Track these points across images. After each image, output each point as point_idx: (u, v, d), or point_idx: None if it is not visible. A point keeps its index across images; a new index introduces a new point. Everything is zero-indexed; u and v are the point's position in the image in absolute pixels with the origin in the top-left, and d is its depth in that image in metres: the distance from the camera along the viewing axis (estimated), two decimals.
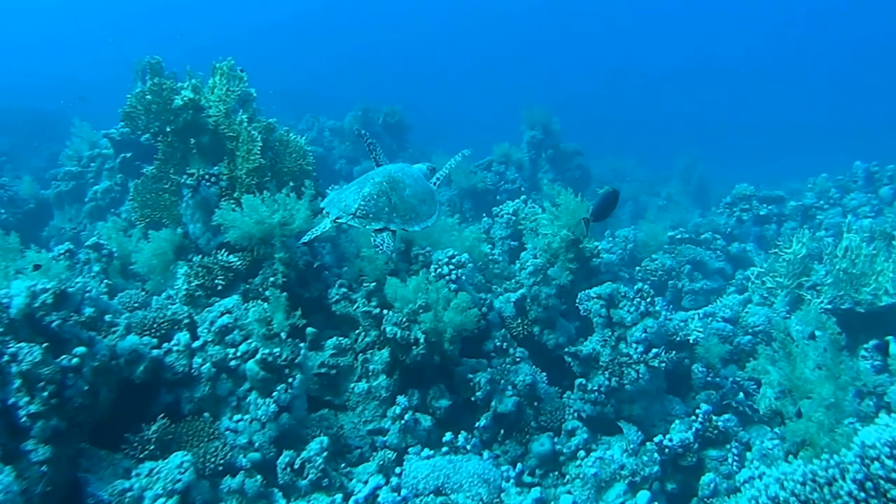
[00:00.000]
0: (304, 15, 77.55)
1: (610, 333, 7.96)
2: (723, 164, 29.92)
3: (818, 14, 71.65)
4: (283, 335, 6.66)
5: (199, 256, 7.76)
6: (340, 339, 7.40)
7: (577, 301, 8.39)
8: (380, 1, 78.19)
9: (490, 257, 10.24)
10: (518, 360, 8.30)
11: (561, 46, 75.76)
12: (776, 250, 9.82)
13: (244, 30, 68.32)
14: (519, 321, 8.86)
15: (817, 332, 6.90)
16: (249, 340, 6.62)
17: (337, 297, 7.79)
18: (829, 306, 8.19)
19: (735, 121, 54.46)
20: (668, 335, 8.31)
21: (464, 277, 8.53)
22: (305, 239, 5.88)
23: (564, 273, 8.81)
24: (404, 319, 7.25)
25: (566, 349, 8.28)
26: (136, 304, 7.84)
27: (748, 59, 71.18)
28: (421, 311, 7.25)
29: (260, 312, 6.60)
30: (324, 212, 5.70)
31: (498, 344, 8.36)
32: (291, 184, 8.04)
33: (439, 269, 8.47)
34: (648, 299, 7.88)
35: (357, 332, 7.59)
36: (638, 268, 12.56)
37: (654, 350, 7.64)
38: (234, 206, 7.56)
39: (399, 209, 5.56)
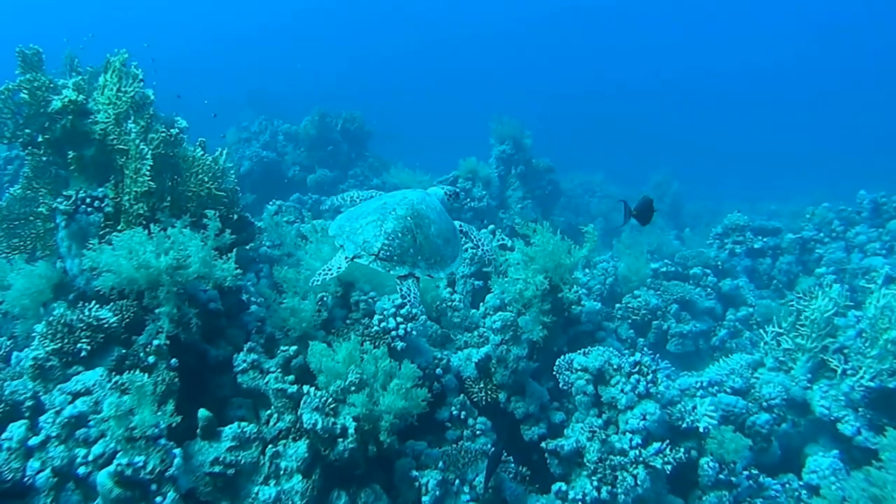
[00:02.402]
0: (275, 21, 75.15)
1: (599, 423, 6.28)
2: (696, 183, 28.70)
3: (800, 34, 71.34)
4: (155, 433, 4.86)
5: (66, 307, 5.94)
6: (244, 425, 5.54)
7: (556, 369, 6.79)
8: (348, 8, 76.04)
9: (449, 303, 8.50)
10: (479, 432, 6.71)
11: (533, 59, 74.36)
12: (793, 302, 8.24)
13: (210, 38, 65.91)
14: (481, 385, 7.23)
15: None
16: (106, 439, 4.80)
17: (244, 364, 5.97)
18: (871, 383, 6.63)
19: (709, 140, 53.51)
20: (671, 421, 6.65)
21: (415, 333, 6.85)
22: (318, 281, 4.68)
23: (538, 328, 7.16)
24: (330, 401, 5.50)
25: (543, 444, 6.58)
26: None
27: (724, 78, 70.38)
28: (353, 389, 5.52)
29: (117, 406, 4.74)
30: (336, 242, 4.76)
31: (455, 413, 6.84)
32: (189, 215, 6.28)
33: (385, 323, 6.81)
34: (649, 376, 6.21)
35: (269, 412, 5.79)
36: (618, 305, 10.97)
37: (656, 445, 5.98)
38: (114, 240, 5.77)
39: (424, 251, 4.69)
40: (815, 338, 7.68)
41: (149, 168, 6.17)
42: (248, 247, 9.19)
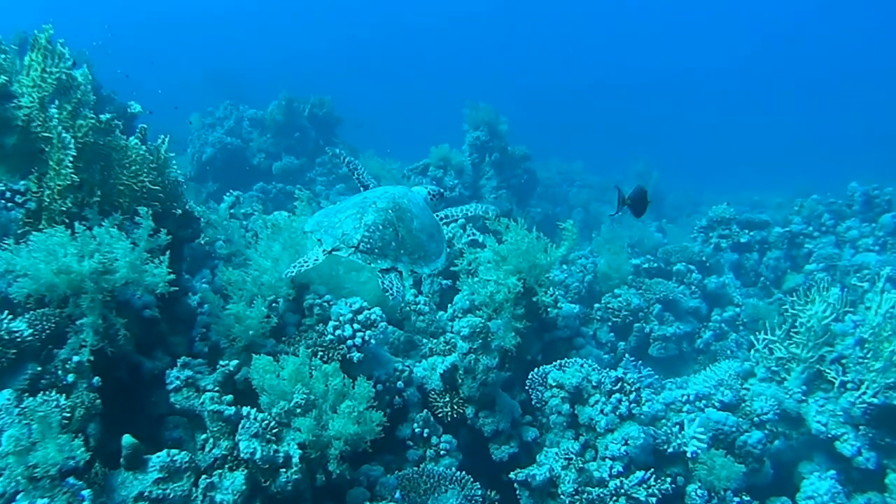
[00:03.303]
0: (247, 3, 73.21)
1: (576, 447, 5.69)
2: (677, 173, 28.23)
3: (786, 26, 70.97)
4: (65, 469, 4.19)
5: None
6: (174, 452, 4.86)
7: (528, 383, 6.17)
8: None
9: (413, 307, 7.83)
10: (443, 452, 6.15)
11: (513, 47, 73.37)
12: (787, 306, 7.69)
13: (176, 18, 63.88)
14: (447, 399, 6.62)
15: None
16: (5, 477, 4.13)
17: (177, 382, 5.29)
18: (874, 400, 6.09)
19: (690, 130, 53.13)
20: (655, 444, 6.08)
21: (373, 342, 6.22)
22: (292, 273, 4.52)
23: (510, 334, 6.55)
24: (272, 425, 4.87)
25: (512, 475, 5.98)
26: None
27: (705, 68, 69.86)
28: (298, 412, 4.90)
29: (16, 441, 4.06)
30: (314, 237, 4.56)
31: (417, 430, 6.22)
32: (121, 212, 5.59)
33: (340, 330, 6.16)
34: (632, 395, 5.62)
35: (204, 436, 5.14)
36: (598, 305, 10.39)
37: (639, 474, 5.40)
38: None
39: (407, 245, 4.54)
40: (812, 347, 7.10)
41: (72, 158, 5.46)
42: (203, 242, 8.53)
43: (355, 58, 63.97)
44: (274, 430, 4.88)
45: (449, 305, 8.23)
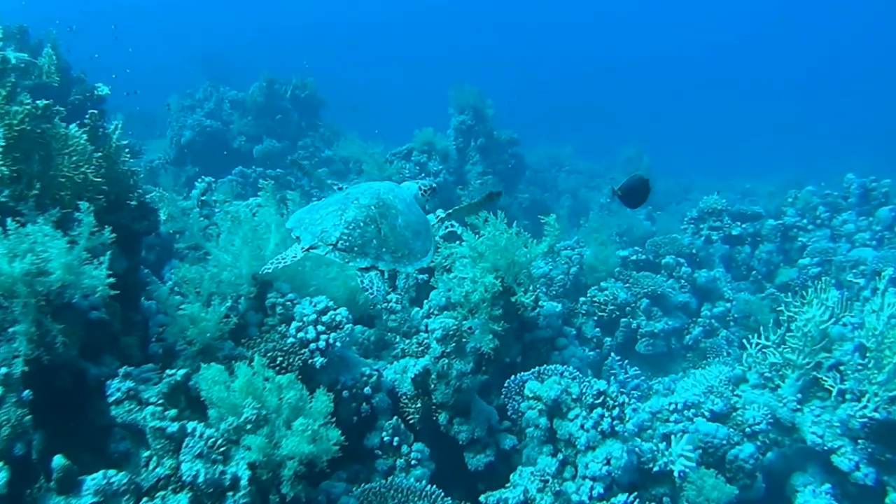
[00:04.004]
0: None
1: (553, 466, 5.27)
2: (667, 158, 27.88)
3: (783, 6, 70.14)
4: None
5: None
6: (111, 473, 4.41)
7: (504, 391, 5.75)
8: None
9: (385, 305, 7.37)
10: (414, 462, 5.76)
11: (503, 31, 72.46)
12: (782, 308, 7.28)
13: None
14: (419, 405, 6.19)
15: None
16: None
17: (118, 394, 4.83)
18: (876, 414, 5.69)
19: (681, 116, 52.65)
20: (640, 462, 5.67)
21: (338, 345, 5.79)
22: (269, 269, 4.35)
23: (487, 337, 6.13)
24: (219, 443, 4.44)
25: (483, 499, 5.56)
26: None
27: (696, 54, 69.10)
28: (249, 429, 4.47)
29: None
30: (292, 234, 4.39)
31: (386, 439, 5.79)
32: (61, 207, 5.12)
33: (303, 333, 5.74)
34: (615, 410, 5.20)
35: (148, 453, 4.70)
36: (583, 299, 9.98)
37: (622, 498, 4.98)
38: None
39: (389, 242, 4.34)
40: (808, 353, 6.67)
41: (2, 148, 5.00)
42: (173, 231, 8.07)
43: (344, 39, 63.23)
44: (221, 449, 4.45)
45: (425, 302, 7.78)
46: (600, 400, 5.36)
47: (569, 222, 17.81)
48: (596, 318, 9.73)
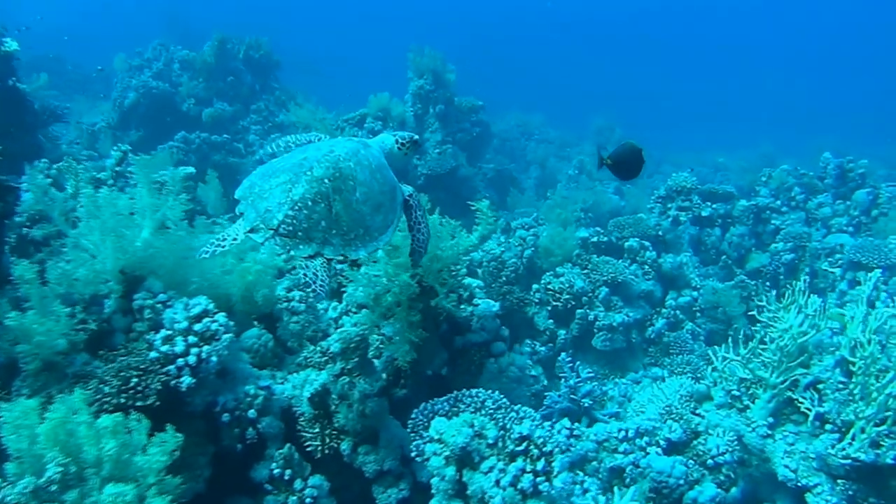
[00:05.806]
0: None
1: None
2: (640, 129, 26.81)
3: None
4: None
5: None
6: None
7: (411, 425, 4.72)
8: None
9: (285, 304, 6.22)
10: (310, 500, 4.76)
11: None
12: (755, 312, 6.24)
13: None
14: (317, 429, 5.14)
15: None
16: None
17: None
18: (861, 455, 4.71)
19: (655, 86, 51.89)
20: None
21: (214, 359, 4.73)
22: (205, 255, 3.79)
23: (404, 347, 5.10)
24: None
25: None
26: None
27: (672, 21, 67.87)
28: (54, 490, 3.41)
29: None
30: (237, 209, 3.87)
31: (276, 472, 4.75)
32: None
33: (169, 345, 4.67)
34: (540, 462, 4.14)
35: None
36: (536, 286, 8.96)
37: None
38: None
39: (341, 223, 3.79)
40: (784, 370, 5.66)
41: None
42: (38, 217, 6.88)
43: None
44: None
45: (344, 296, 6.68)
46: (522, 447, 4.28)
47: (535, 194, 16.89)
48: (550, 307, 8.72)
